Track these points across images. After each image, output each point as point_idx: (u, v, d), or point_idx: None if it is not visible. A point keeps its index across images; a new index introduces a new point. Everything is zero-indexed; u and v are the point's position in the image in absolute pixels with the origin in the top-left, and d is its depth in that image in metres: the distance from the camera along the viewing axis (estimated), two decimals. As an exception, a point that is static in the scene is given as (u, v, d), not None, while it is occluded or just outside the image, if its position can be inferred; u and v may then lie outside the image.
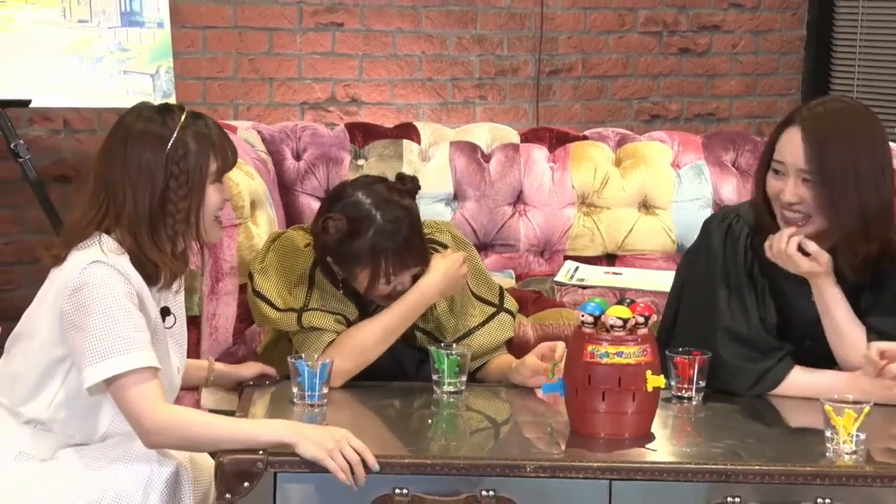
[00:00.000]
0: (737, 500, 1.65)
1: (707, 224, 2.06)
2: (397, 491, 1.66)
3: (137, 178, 1.76)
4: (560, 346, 1.95)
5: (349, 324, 2.05)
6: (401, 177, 2.07)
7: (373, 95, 3.62)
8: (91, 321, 1.69)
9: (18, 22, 2.82)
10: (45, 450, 1.76)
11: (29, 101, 2.88)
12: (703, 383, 1.96)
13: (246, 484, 1.63)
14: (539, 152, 2.99)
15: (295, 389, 1.88)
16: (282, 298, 2.05)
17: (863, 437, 1.70)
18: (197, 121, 1.80)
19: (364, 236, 1.98)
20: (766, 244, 1.93)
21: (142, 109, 1.82)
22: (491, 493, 1.66)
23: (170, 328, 1.84)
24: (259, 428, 1.70)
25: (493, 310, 2.14)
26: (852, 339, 1.93)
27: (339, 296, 2.06)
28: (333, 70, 3.58)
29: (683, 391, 1.95)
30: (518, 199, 2.95)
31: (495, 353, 2.12)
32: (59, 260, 1.77)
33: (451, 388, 1.96)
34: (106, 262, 1.72)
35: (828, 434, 1.71)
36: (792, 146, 1.90)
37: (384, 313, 2.02)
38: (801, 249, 1.91)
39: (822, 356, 1.99)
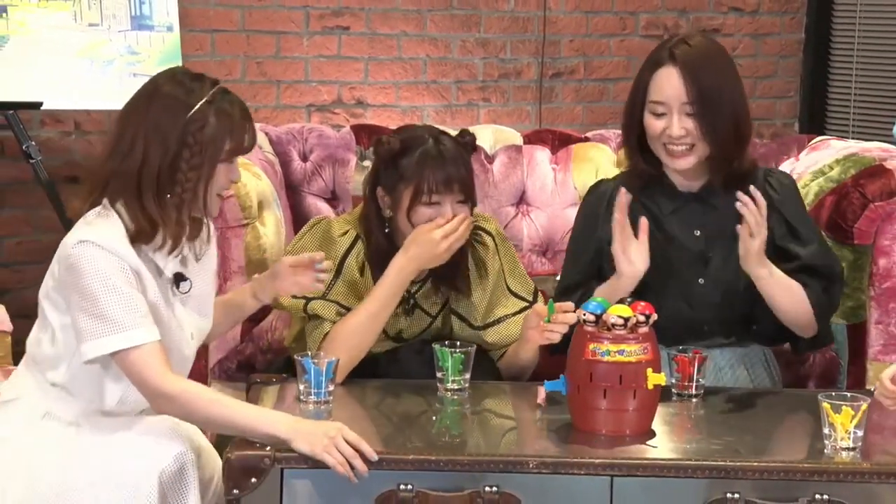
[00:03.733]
0: (736, 496, 1.67)
1: None
2: (402, 487, 1.67)
3: (152, 138, 1.75)
4: (569, 305, 1.96)
5: None
6: (462, 132, 2.14)
7: (378, 98, 3.65)
8: (82, 301, 1.71)
9: (30, 25, 2.85)
10: (69, 413, 1.79)
11: (40, 104, 2.91)
12: (703, 381, 1.98)
13: (253, 480, 1.65)
14: (542, 154, 3.01)
15: (301, 387, 1.90)
16: None
17: (860, 433, 1.72)
18: (224, 98, 1.79)
19: (412, 155, 2.04)
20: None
21: (176, 73, 1.83)
22: (494, 489, 1.67)
23: (186, 293, 1.84)
24: (260, 418, 1.71)
25: (526, 304, 2.17)
26: (796, 303, 2.03)
27: (361, 286, 2.07)
28: (339, 73, 3.61)
29: (684, 389, 1.98)
30: (521, 199, 2.97)
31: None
32: (76, 215, 1.80)
33: (455, 386, 1.98)
34: (94, 241, 1.72)
35: (826, 431, 1.73)
36: (671, 84, 2.03)
37: (366, 300, 2.04)
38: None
39: (712, 296, 2.07)
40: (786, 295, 2.03)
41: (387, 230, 2.10)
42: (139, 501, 1.70)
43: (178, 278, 1.84)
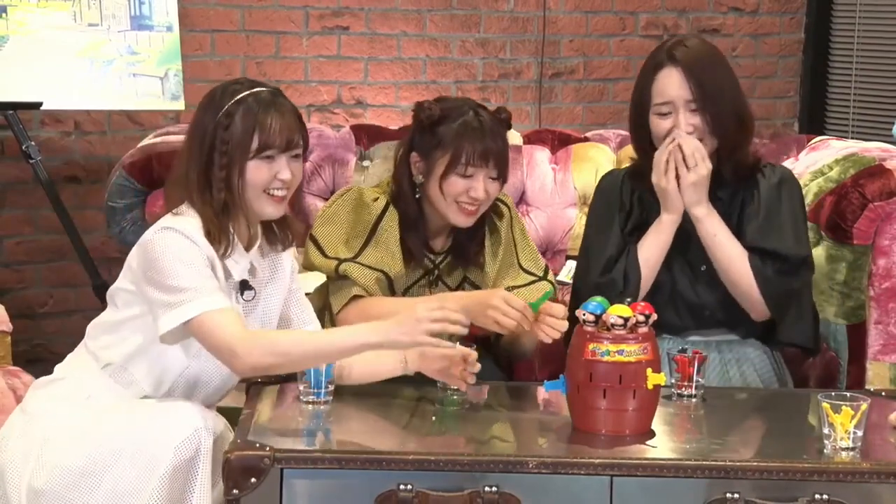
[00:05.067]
0: (736, 495, 1.67)
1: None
2: (402, 487, 1.67)
3: (192, 142, 1.85)
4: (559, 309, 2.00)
5: (388, 280, 2.09)
6: (499, 109, 2.17)
7: (378, 98, 3.66)
8: (158, 277, 1.78)
9: (30, 25, 2.86)
10: (111, 398, 1.84)
11: (40, 104, 2.92)
12: (702, 381, 1.99)
13: (253, 480, 1.65)
14: (541, 154, 3.01)
15: (301, 387, 1.90)
16: (333, 246, 2.10)
17: (860, 433, 1.72)
18: (259, 98, 1.84)
19: (451, 123, 2.07)
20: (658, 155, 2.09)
21: (231, 80, 1.90)
22: (494, 489, 1.67)
23: (250, 302, 1.90)
24: (347, 338, 1.76)
25: (535, 279, 2.20)
26: (737, 269, 2.08)
27: (393, 249, 2.09)
28: (339, 73, 3.61)
29: (683, 388, 1.98)
30: (521, 199, 2.97)
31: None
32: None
33: (455, 386, 1.98)
34: (175, 228, 1.80)
35: (825, 431, 1.73)
36: (673, 84, 2.09)
37: (408, 298, 2.07)
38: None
39: (715, 282, 2.12)
40: (727, 251, 2.09)
41: (417, 196, 2.11)
42: (154, 474, 1.72)
43: (244, 286, 1.89)
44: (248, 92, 1.84)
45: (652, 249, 2.12)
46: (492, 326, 2.02)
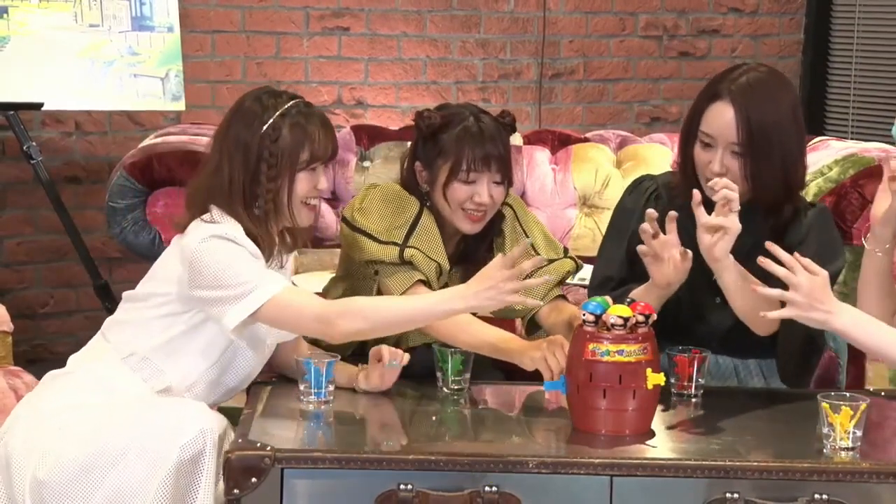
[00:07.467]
0: (735, 495, 1.67)
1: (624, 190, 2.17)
2: (402, 486, 1.67)
3: (234, 154, 1.88)
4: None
5: (440, 274, 2.08)
6: (503, 113, 2.16)
7: (378, 98, 3.66)
8: (213, 281, 1.81)
9: (31, 26, 2.87)
10: (126, 388, 1.86)
11: (41, 104, 2.92)
12: (702, 381, 1.99)
13: (253, 480, 1.65)
14: (541, 154, 3.03)
15: (302, 387, 1.90)
16: (385, 233, 2.08)
17: (859, 433, 1.72)
18: (299, 109, 1.89)
19: (452, 130, 2.06)
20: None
21: (258, 92, 1.93)
22: (494, 488, 1.67)
23: None
24: (437, 304, 1.83)
25: (556, 259, 2.19)
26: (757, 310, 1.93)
27: (437, 245, 2.09)
28: (340, 73, 3.62)
29: (683, 389, 1.98)
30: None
31: (551, 296, 2.15)
32: (182, 228, 1.90)
33: (455, 386, 1.98)
34: (219, 234, 1.84)
35: (825, 431, 1.73)
36: (722, 121, 1.97)
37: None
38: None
39: (726, 317, 2.03)
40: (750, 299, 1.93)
41: (428, 204, 2.12)
42: (158, 472, 1.72)
43: None
44: (290, 104, 1.89)
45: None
46: (540, 363, 1.98)
